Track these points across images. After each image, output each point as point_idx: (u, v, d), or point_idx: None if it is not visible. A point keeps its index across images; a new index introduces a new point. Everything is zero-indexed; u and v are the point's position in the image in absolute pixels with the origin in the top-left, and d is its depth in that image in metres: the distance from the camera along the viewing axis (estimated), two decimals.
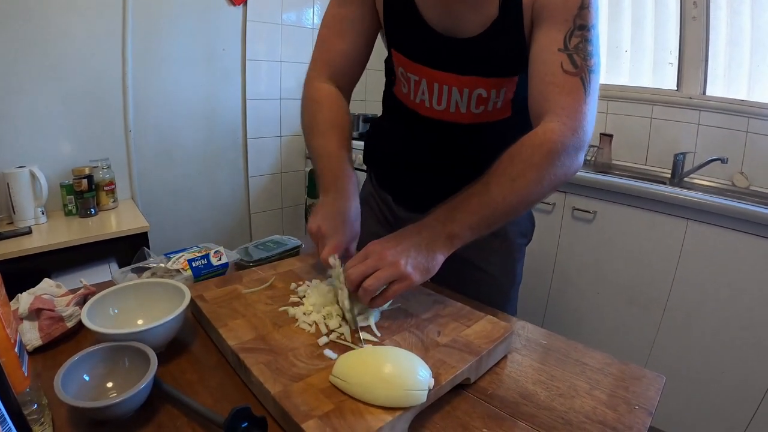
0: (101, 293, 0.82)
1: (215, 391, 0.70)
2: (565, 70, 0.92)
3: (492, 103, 1.09)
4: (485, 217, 0.90)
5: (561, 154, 0.90)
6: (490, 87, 1.06)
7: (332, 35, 1.18)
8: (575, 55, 0.92)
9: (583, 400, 0.72)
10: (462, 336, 0.79)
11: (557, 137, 0.89)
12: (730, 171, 2.38)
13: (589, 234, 2.24)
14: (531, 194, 0.91)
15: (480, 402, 0.71)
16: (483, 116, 1.11)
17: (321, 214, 1.01)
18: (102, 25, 2.44)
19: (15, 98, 2.23)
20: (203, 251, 1.06)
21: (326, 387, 0.64)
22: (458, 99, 1.09)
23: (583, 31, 0.92)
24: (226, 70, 3.01)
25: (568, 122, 0.90)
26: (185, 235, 3.04)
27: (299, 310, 0.85)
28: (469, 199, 0.90)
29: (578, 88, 0.92)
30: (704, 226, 1.91)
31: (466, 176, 1.07)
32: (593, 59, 0.93)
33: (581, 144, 0.92)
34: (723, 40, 2.44)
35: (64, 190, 2.36)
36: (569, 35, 0.92)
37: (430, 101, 1.13)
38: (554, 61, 0.93)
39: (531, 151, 0.90)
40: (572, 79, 0.92)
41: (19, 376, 0.59)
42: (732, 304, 1.87)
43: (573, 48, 0.92)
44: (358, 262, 0.84)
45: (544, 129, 0.91)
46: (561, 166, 0.91)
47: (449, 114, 1.12)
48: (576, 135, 0.90)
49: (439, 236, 0.88)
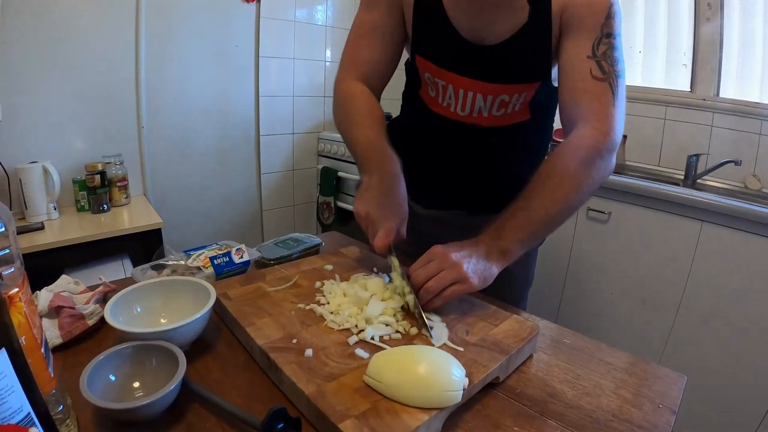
0: (124, 291, 0.82)
1: (244, 391, 0.70)
2: (594, 76, 0.96)
3: (512, 107, 1.12)
4: (531, 230, 0.94)
5: (595, 159, 0.94)
6: (513, 92, 1.09)
7: (360, 41, 1.20)
8: (603, 62, 0.96)
9: (609, 399, 0.72)
10: (490, 335, 0.79)
11: (590, 142, 0.94)
12: (743, 173, 2.37)
13: (603, 234, 2.23)
14: (571, 202, 0.95)
15: (509, 401, 0.71)
16: (502, 119, 1.14)
17: (367, 197, 1.00)
18: (115, 21, 2.44)
19: (28, 94, 2.24)
20: (224, 249, 1.05)
21: (360, 386, 0.64)
22: (482, 105, 1.12)
23: (609, 38, 0.97)
24: (239, 67, 3.02)
25: (599, 126, 0.95)
26: (197, 232, 3.05)
27: (326, 310, 0.84)
28: (514, 215, 0.94)
29: (607, 92, 0.96)
30: (718, 227, 1.90)
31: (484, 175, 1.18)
32: (619, 65, 0.97)
33: (613, 146, 0.96)
34: (736, 42, 2.43)
35: (77, 185, 2.37)
36: (597, 43, 0.97)
37: (455, 106, 1.15)
38: (583, 68, 0.97)
39: (567, 160, 0.95)
40: (601, 85, 0.96)
41: (46, 377, 0.58)
42: (745, 305, 1.86)
43: (601, 55, 0.96)
44: (423, 264, 0.88)
45: (577, 136, 0.96)
46: (596, 170, 0.95)
47: (472, 118, 1.15)
48: (608, 138, 0.95)
49: (493, 252, 0.91)
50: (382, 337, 0.77)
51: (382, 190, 1.00)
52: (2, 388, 0.44)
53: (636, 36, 2.77)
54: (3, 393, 0.44)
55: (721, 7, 2.39)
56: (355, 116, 1.14)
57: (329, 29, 3.42)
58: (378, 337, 0.77)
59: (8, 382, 0.45)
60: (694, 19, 2.51)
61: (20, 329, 0.53)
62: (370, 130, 1.09)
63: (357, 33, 1.20)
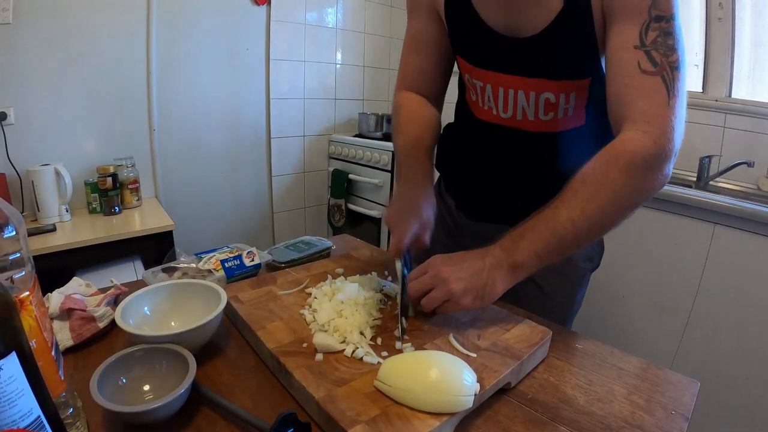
0: (135, 294, 0.82)
1: (254, 395, 0.70)
2: (643, 69, 0.82)
3: (562, 110, 1.01)
4: (553, 245, 0.84)
5: (641, 168, 0.82)
6: (558, 91, 0.98)
7: (408, 51, 1.22)
8: (654, 51, 0.82)
9: (621, 405, 0.71)
10: (502, 340, 0.79)
11: (636, 148, 0.81)
12: (756, 174, 2.35)
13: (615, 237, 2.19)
14: (605, 218, 0.84)
15: (521, 406, 0.70)
16: (552, 124, 1.04)
17: (393, 204, 1.05)
18: (127, 23, 2.46)
19: (41, 97, 2.26)
20: (235, 252, 1.05)
21: (371, 391, 0.63)
22: (525, 104, 1.03)
23: (660, 22, 0.81)
24: (249, 70, 3.03)
25: (648, 129, 0.82)
26: (208, 234, 3.07)
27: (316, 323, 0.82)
28: (536, 225, 0.85)
29: (659, 88, 0.81)
30: (731, 230, 1.88)
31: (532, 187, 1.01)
32: (676, 54, 0.82)
33: (666, 154, 0.82)
34: (748, 42, 2.41)
35: (89, 188, 2.39)
36: (645, 29, 0.82)
37: (497, 109, 1.08)
38: (630, 59, 0.83)
39: (606, 167, 0.83)
40: (652, 79, 0.82)
41: (56, 380, 0.58)
42: (758, 308, 1.84)
43: (651, 43, 0.82)
44: (419, 275, 0.86)
45: (621, 140, 0.84)
46: (642, 181, 0.83)
47: (516, 121, 1.06)
48: (659, 144, 0.81)
49: (501, 266, 0.84)
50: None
51: (405, 199, 1.03)
52: (12, 392, 0.44)
53: None
54: (13, 396, 0.44)
55: (732, 7, 2.37)
56: (398, 126, 1.19)
57: (339, 31, 3.43)
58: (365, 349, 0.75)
59: (18, 385, 0.45)
60: (706, 19, 2.49)
61: (31, 333, 0.53)
62: (407, 138, 1.14)
63: (405, 45, 1.23)
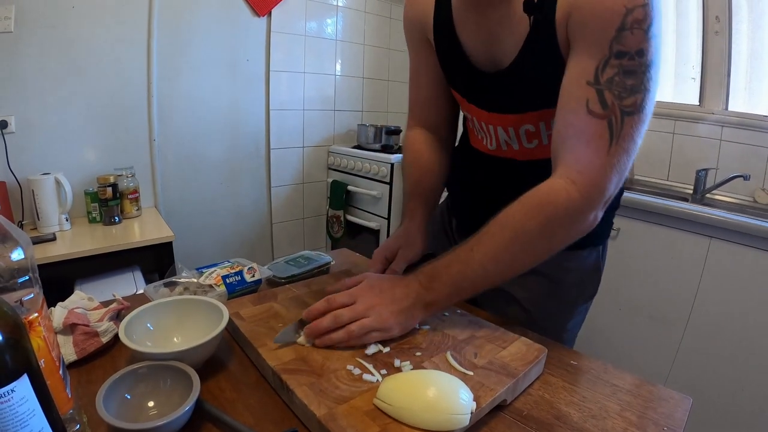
0: (137, 310, 0.83)
1: (256, 411, 0.71)
2: (591, 110, 0.77)
3: (546, 136, 0.98)
4: (464, 287, 0.86)
5: (563, 220, 0.81)
6: (538, 120, 0.96)
7: (412, 85, 1.24)
8: (607, 92, 0.76)
9: (614, 422, 0.72)
10: (498, 358, 0.79)
11: (561, 201, 0.80)
12: (752, 187, 2.37)
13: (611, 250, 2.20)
14: (518, 264, 0.85)
15: (516, 423, 0.70)
16: (538, 151, 1.01)
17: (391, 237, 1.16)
18: (128, 34, 2.48)
19: (40, 105, 2.27)
20: (236, 267, 1.06)
21: (370, 410, 0.64)
22: (506, 138, 1.04)
23: (622, 59, 0.74)
24: (249, 81, 3.05)
25: (579, 179, 0.79)
26: (207, 244, 3.07)
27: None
28: (450, 266, 0.86)
29: (603, 134, 0.77)
30: (727, 243, 1.90)
31: None
32: (634, 97, 0.75)
33: (593, 205, 0.81)
34: (745, 55, 2.43)
35: (89, 197, 2.40)
36: (603, 65, 0.76)
37: (486, 140, 1.11)
38: (580, 96, 0.78)
39: (526, 216, 0.82)
40: (597, 123, 0.77)
41: (64, 398, 0.59)
42: (754, 322, 1.85)
43: (606, 82, 0.76)
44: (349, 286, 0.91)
45: (549, 187, 0.82)
46: (564, 231, 0.83)
47: (502, 152, 1.08)
48: (586, 196, 0.79)
49: (418, 302, 0.85)
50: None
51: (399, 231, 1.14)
52: (24, 412, 0.45)
53: None
54: (25, 417, 0.45)
55: (729, 20, 2.40)
56: (404, 168, 1.26)
57: (339, 43, 3.45)
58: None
59: (30, 405, 0.46)
60: (702, 32, 2.52)
61: (39, 352, 0.54)
62: (409, 181, 1.21)
63: (409, 80, 1.24)
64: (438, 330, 0.88)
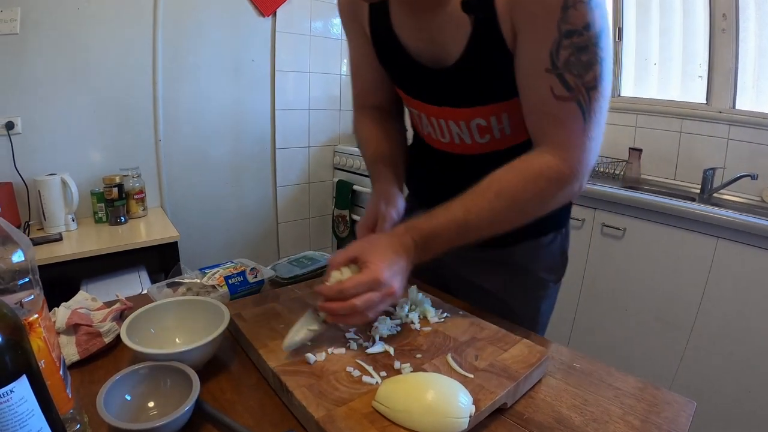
0: (139, 310, 0.83)
1: (255, 412, 0.71)
2: (557, 95, 0.80)
3: (497, 131, 0.99)
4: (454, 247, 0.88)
5: (555, 191, 0.86)
6: (488, 114, 0.97)
7: (354, 76, 1.24)
8: (567, 74, 0.78)
9: (616, 426, 0.71)
10: (499, 360, 0.79)
11: (552, 174, 0.84)
12: (760, 187, 2.35)
13: (618, 251, 2.22)
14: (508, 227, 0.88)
15: (517, 426, 0.70)
16: (491, 145, 1.02)
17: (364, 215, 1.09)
18: (133, 35, 2.50)
19: (47, 106, 2.29)
20: (239, 268, 1.07)
21: (369, 412, 0.64)
22: (458, 131, 1.03)
23: (572, 38, 0.76)
24: (255, 81, 3.05)
25: (565, 156, 0.83)
26: (213, 244, 3.09)
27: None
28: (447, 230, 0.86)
29: (575, 115, 0.81)
30: (734, 244, 1.88)
31: None
32: (592, 70, 0.78)
33: (580, 178, 0.85)
34: (752, 53, 2.41)
35: (95, 197, 2.41)
36: (556, 49, 0.77)
37: (435, 134, 1.09)
38: (543, 86, 0.81)
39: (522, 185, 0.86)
40: (567, 106, 0.80)
41: (64, 398, 0.60)
42: (760, 324, 1.84)
43: (563, 65, 0.78)
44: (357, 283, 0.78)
45: (541, 161, 0.85)
46: (553, 201, 0.89)
47: (456, 146, 1.07)
48: (575, 172, 0.84)
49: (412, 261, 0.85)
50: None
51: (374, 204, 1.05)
52: (23, 413, 0.46)
53: (651, 48, 2.77)
54: (24, 417, 0.46)
55: (736, 18, 2.37)
56: (360, 148, 1.24)
57: (344, 42, 3.39)
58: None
59: (29, 406, 0.46)
60: (710, 30, 2.50)
61: (39, 353, 0.55)
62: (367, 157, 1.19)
63: (350, 70, 1.25)
64: (439, 331, 0.88)
